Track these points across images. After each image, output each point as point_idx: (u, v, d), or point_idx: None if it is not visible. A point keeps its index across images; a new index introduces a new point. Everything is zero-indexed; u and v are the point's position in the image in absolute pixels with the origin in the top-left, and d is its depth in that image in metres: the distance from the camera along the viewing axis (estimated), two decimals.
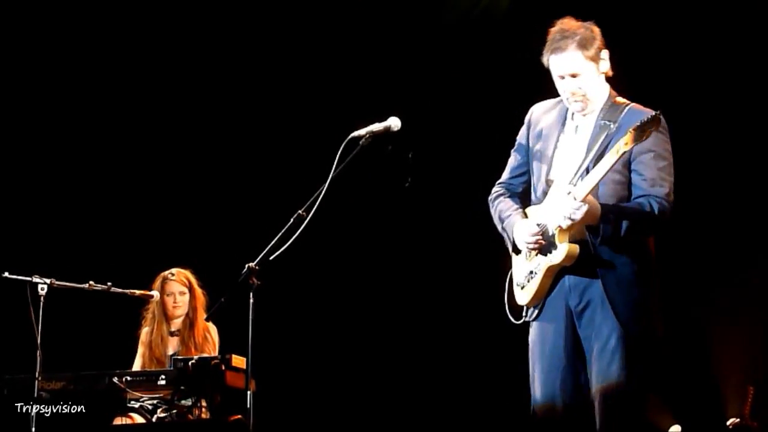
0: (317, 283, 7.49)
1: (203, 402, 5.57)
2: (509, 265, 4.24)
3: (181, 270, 6.29)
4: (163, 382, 5.54)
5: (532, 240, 4.03)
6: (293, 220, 4.02)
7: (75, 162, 7.66)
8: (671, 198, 3.94)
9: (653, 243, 4.02)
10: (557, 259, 3.95)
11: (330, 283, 7.50)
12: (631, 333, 3.87)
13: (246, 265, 4.02)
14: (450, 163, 7.32)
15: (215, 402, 5.51)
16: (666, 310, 4.10)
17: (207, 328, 6.21)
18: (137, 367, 6.17)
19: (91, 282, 5.69)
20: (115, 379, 5.54)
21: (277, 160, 7.55)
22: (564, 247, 3.92)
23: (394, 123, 4.17)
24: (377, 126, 4.14)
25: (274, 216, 4.25)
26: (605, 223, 3.85)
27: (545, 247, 4.01)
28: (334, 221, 5.64)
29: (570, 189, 3.84)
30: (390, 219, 7.43)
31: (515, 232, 4.12)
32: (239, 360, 5.45)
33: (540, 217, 4.06)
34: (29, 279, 5.40)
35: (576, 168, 3.95)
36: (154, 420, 5.56)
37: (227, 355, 5.51)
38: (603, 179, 3.86)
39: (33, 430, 5.19)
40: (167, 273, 6.26)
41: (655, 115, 3.71)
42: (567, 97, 4.06)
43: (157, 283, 6.22)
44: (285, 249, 3.99)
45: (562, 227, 3.90)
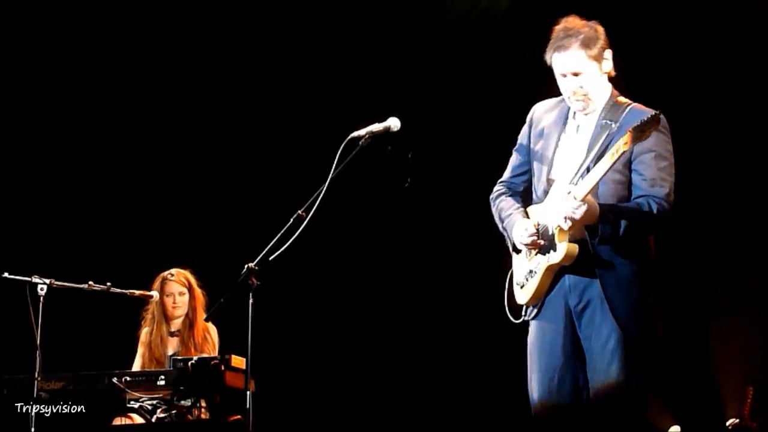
0: (317, 284, 7.48)
1: (203, 402, 5.57)
2: (510, 265, 4.24)
3: (181, 270, 6.29)
4: (163, 382, 5.54)
5: (528, 240, 4.03)
6: (293, 220, 4.02)
7: (75, 162, 7.65)
8: (671, 198, 3.93)
9: (653, 243, 4.02)
10: (556, 259, 3.95)
11: (329, 284, 7.50)
12: (630, 333, 3.87)
13: (245, 266, 4.02)
14: (449, 164, 7.32)
15: (215, 402, 5.51)
16: (665, 310, 4.10)
17: (207, 328, 6.21)
18: (137, 368, 6.17)
19: (91, 282, 5.69)
20: (115, 380, 5.54)
21: (277, 160, 7.54)
22: (563, 247, 3.92)
23: (393, 123, 4.17)
24: (377, 126, 4.14)
25: (273, 216, 4.25)
26: (603, 223, 3.85)
27: (545, 247, 4.01)
28: (333, 222, 5.64)
29: (570, 188, 3.84)
30: (389, 219, 7.43)
31: (514, 231, 4.12)
32: (239, 360, 5.45)
33: (540, 217, 4.06)
34: (29, 279, 5.39)
35: (577, 167, 3.95)
36: (153, 420, 5.56)
37: (227, 356, 5.51)
38: (603, 179, 3.86)
39: (32, 430, 5.19)
40: (166, 273, 6.26)
41: (655, 115, 3.70)
42: (568, 96, 4.05)
43: (157, 284, 6.22)
44: (284, 249, 3.99)
45: (561, 227, 3.91)
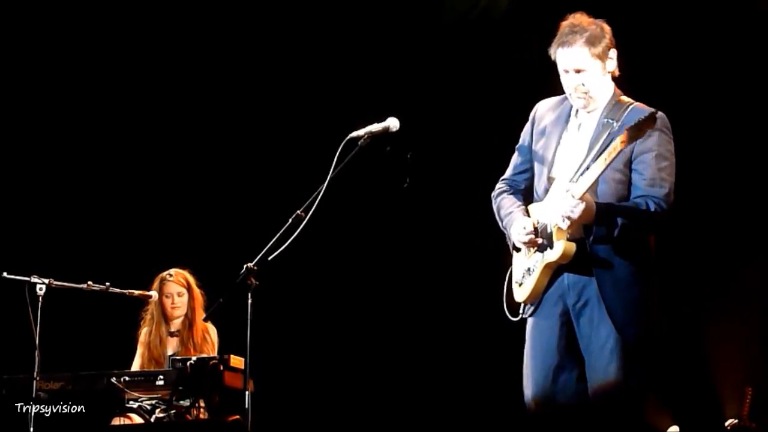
0: (316, 284, 7.48)
1: (201, 402, 5.56)
2: (510, 263, 4.24)
3: (180, 270, 6.28)
4: (162, 382, 5.54)
5: (526, 238, 4.03)
6: (292, 220, 4.03)
7: (74, 162, 7.65)
8: (671, 199, 3.92)
9: (653, 243, 4.01)
10: (553, 257, 3.95)
11: (329, 284, 7.49)
12: (628, 335, 3.86)
13: (244, 266, 4.02)
14: (449, 164, 7.31)
15: (213, 402, 5.50)
16: (664, 310, 4.10)
17: (206, 328, 6.20)
18: (136, 368, 6.16)
19: (90, 282, 5.69)
20: (114, 380, 5.53)
21: (276, 160, 7.54)
22: (560, 245, 3.92)
23: (392, 123, 4.17)
24: (376, 126, 4.14)
25: (272, 216, 4.25)
26: (599, 222, 3.84)
27: (544, 245, 4.00)
28: (332, 222, 5.64)
29: (569, 187, 3.84)
30: (389, 219, 7.43)
31: (512, 229, 4.12)
32: (237, 360, 5.44)
33: (540, 215, 4.05)
34: (28, 279, 5.39)
35: (577, 166, 3.94)
36: (152, 420, 5.56)
37: (225, 356, 5.51)
38: (604, 178, 3.86)
39: (31, 430, 5.19)
40: (165, 274, 6.25)
41: (651, 114, 3.70)
42: (570, 93, 4.05)
43: (156, 284, 6.22)
44: (283, 249, 3.99)
45: (560, 225, 3.90)
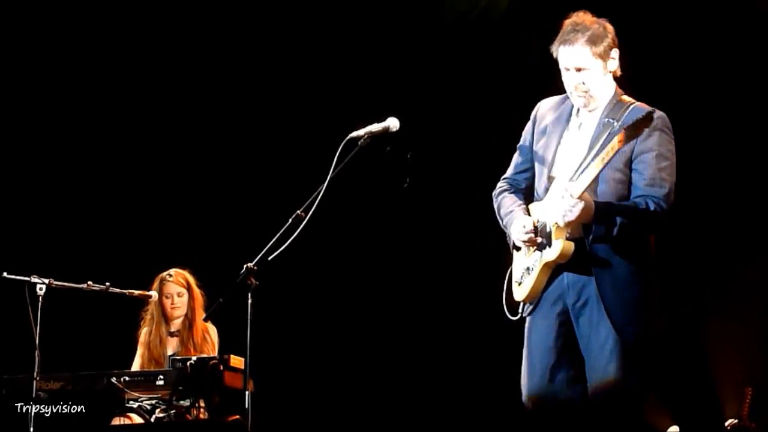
0: (316, 284, 7.48)
1: (201, 402, 5.56)
2: (510, 262, 4.23)
3: (180, 271, 6.28)
4: (162, 382, 5.54)
5: (525, 237, 4.03)
6: (292, 220, 4.03)
7: (74, 162, 7.65)
8: (671, 199, 3.92)
9: (653, 242, 4.01)
10: (552, 256, 3.95)
11: (328, 284, 7.49)
12: (627, 335, 3.86)
13: (244, 266, 4.03)
14: (449, 164, 7.32)
15: (213, 402, 5.50)
16: (664, 310, 4.10)
17: (206, 329, 6.20)
18: (136, 368, 6.16)
19: (90, 282, 5.69)
20: (114, 380, 5.53)
21: (276, 160, 7.54)
22: (558, 244, 3.92)
23: (392, 123, 4.17)
24: (376, 126, 4.14)
25: (272, 216, 4.25)
26: (598, 221, 3.84)
27: (543, 244, 4.00)
28: (332, 222, 5.64)
29: (568, 186, 3.83)
30: (388, 219, 7.43)
31: (512, 228, 4.11)
32: (237, 360, 5.44)
33: (540, 214, 4.05)
34: (28, 279, 5.39)
35: (577, 165, 3.93)
36: (152, 420, 5.56)
37: (225, 356, 5.51)
38: (604, 178, 3.87)
39: (31, 429, 5.19)
40: (165, 274, 6.25)
41: (647, 114, 3.71)
42: (570, 91, 4.04)
43: (156, 284, 6.22)
44: (283, 249, 3.99)
45: (558, 224, 3.91)
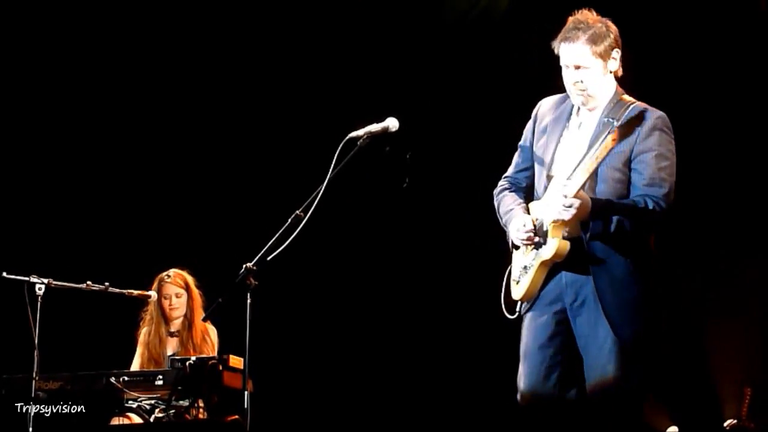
0: (315, 284, 7.48)
1: (200, 402, 5.56)
2: (510, 261, 4.24)
3: (178, 271, 6.27)
4: (161, 382, 5.53)
5: (523, 236, 4.03)
6: (291, 220, 4.03)
7: (73, 162, 7.64)
8: (670, 199, 3.91)
9: (653, 242, 4.00)
10: (547, 255, 3.95)
11: (328, 284, 7.49)
12: (625, 335, 3.86)
13: (243, 266, 4.02)
14: (448, 164, 7.32)
15: (212, 402, 5.50)
16: (664, 310, 4.09)
17: (206, 329, 6.20)
18: (135, 368, 6.16)
19: (89, 282, 5.69)
20: (113, 379, 5.53)
21: (276, 160, 7.54)
22: (553, 243, 3.92)
23: (392, 123, 4.17)
24: (375, 126, 4.14)
25: (272, 216, 4.25)
26: (596, 219, 3.85)
27: (540, 243, 4.00)
28: (331, 222, 5.64)
29: (565, 184, 3.83)
30: (388, 220, 7.43)
31: (511, 226, 4.11)
32: (236, 360, 5.44)
33: (539, 213, 4.05)
34: (27, 279, 5.38)
35: (575, 164, 3.92)
36: (151, 420, 5.56)
37: (225, 356, 5.51)
38: (603, 177, 3.88)
39: (30, 429, 5.18)
40: (164, 275, 6.24)
41: (639, 113, 3.75)
42: (569, 88, 4.04)
43: (155, 285, 6.22)
44: (282, 249, 3.99)
45: (555, 223, 3.91)
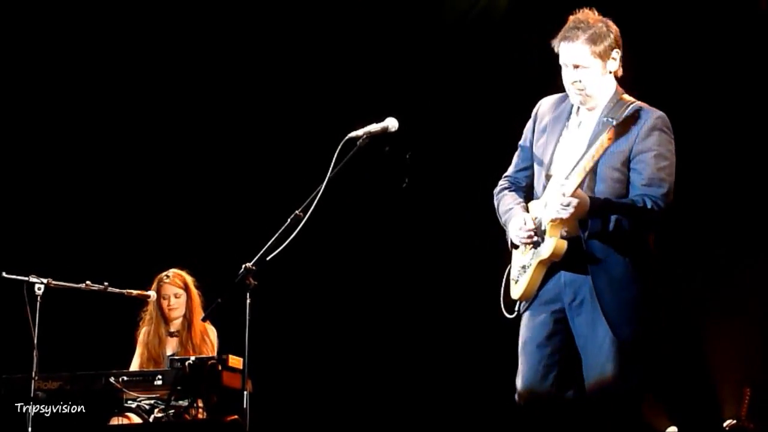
0: (314, 284, 7.48)
1: (200, 402, 5.56)
2: (509, 260, 4.24)
3: (178, 271, 6.27)
4: (160, 382, 5.53)
5: (523, 235, 4.03)
6: (290, 220, 4.02)
7: (73, 162, 7.64)
8: (669, 198, 3.91)
9: (652, 242, 4.00)
10: (545, 254, 3.94)
11: (327, 284, 7.49)
12: (623, 335, 3.85)
13: (243, 266, 4.02)
14: (447, 164, 7.32)
15: (212, 402, 5.50)
16: (664, 310, 4.09)
17: (205, 329, 6.20)
18: (135, 368, 6.16)
19: (88, 282, 5.69)
20: (112, 379, 5.53)
21: (275, 160, 7.54)
22: (551, 242, 3.91)
23: (391, 123, 4.17)
24: (375, 126, 4.14)
25: (271, 216, 4.25)
26: (594, 217, 3.85)
27: (539, 242, 4.00)
28: (331, 222, 5.64)
29: (562, 183, 3.84)
30: (387, 220, 7.43)
31: (510, 226, 4.11)
32: (236, 360, 5.44)
33: (538, 212, 4.05)
34: (26, 279, 5.39)
35: (574, 164, 3.92)
36: (150, 420, 5.56)
37: (224, 356, 5.51)
38: (602, 177, 3.88)
39: (29, 429, 5.18)
40: (163, 275, 6.24)
41: (634, 112, 3.76)
42: (568, 87, 4.04)
43: (154, 285, 6.22)
44: (282, 249, 3.99)
45: (553, 222, 3.91)
